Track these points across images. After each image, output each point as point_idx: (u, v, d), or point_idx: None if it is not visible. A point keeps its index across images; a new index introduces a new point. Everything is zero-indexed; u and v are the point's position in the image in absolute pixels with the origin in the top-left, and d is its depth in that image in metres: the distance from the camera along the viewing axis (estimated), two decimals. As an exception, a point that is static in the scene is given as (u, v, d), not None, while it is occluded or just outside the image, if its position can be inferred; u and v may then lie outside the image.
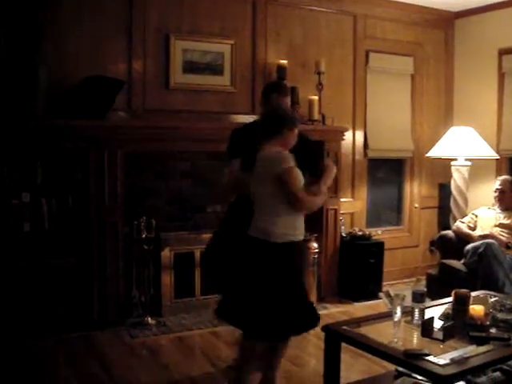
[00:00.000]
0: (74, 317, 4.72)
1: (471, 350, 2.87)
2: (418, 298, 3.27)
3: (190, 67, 5.37)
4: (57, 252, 4.68)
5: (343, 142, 5.97)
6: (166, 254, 5.10)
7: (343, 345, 3.20)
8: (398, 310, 3.03)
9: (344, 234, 6.00)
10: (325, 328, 3.28)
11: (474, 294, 3.53)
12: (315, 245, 5.55)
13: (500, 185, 5.43)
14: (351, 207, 6.34)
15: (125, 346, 4.48)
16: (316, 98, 5.69)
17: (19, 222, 4.53)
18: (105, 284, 4.81)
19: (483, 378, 3.23)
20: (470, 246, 5.07)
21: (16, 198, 4.51)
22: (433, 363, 2.66)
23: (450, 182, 6.04)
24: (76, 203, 4.75)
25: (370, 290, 5.78)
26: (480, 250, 4.89)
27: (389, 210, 6.96)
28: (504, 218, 5.33)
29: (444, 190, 6.57)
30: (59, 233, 4.70)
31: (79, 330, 4.66)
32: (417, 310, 3.23)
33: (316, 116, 5.66)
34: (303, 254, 3.78)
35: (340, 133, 5.84)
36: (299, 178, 3.09)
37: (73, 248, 4.75)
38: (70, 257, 4.72)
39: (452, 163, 5.96)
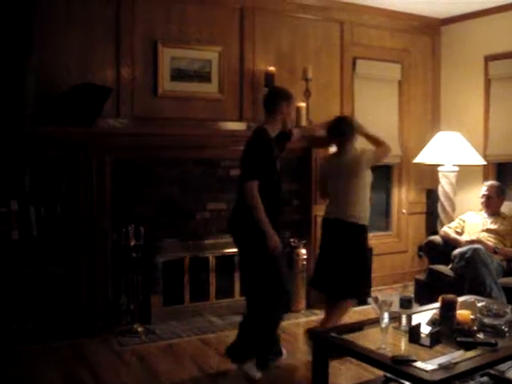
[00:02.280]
0: (62, 324, 4.71)
1: (459, 355, 2.89)
2: (405, 304, 3.29)
3: (178, 75, 5.37)
4: (45, 260, 4.67)
5: (331, 149, 5.98)
6: (155, 261, 5.10)
7: (332, 351, 3.22)
8: (386, 316, 3.06)
9: (333, 240, 6.00)
10: (313, 334, 3.30)
11: (461, 299, 3.56)
12: (304, 251, 5.57)
13: (487, 190, 5.45)
14: (340, 213, 6.33)
15: (114, 354, 4.46)
16: (303, 104, 5.70)
17: (8, 230, 4.51)
18: (93, 291, 4.81)
19: None
20: (457, 251, 5.09)
21: (4, 205, 4.49)
22: (420, 369, 2.69)
23: (437, 188, 6.08)
24: (64, 211, 4.74)
25: (359, 296, 5.79)
26: (467, 255, 4.90)
27: (377, 215, 6.98)
28: (491, 223, 5.35)
29: (431, 196, 6.61)
30: (48, 240, 4.68)
31: (68, 338, 4.64)
32: (404, 316, 3.26)
33: (303, 122, 5.67)
34: None
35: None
36: None
37: (61, 255, 4.74)
38: (58, 264, 4.71)
39: (439, 169, 6.00)
